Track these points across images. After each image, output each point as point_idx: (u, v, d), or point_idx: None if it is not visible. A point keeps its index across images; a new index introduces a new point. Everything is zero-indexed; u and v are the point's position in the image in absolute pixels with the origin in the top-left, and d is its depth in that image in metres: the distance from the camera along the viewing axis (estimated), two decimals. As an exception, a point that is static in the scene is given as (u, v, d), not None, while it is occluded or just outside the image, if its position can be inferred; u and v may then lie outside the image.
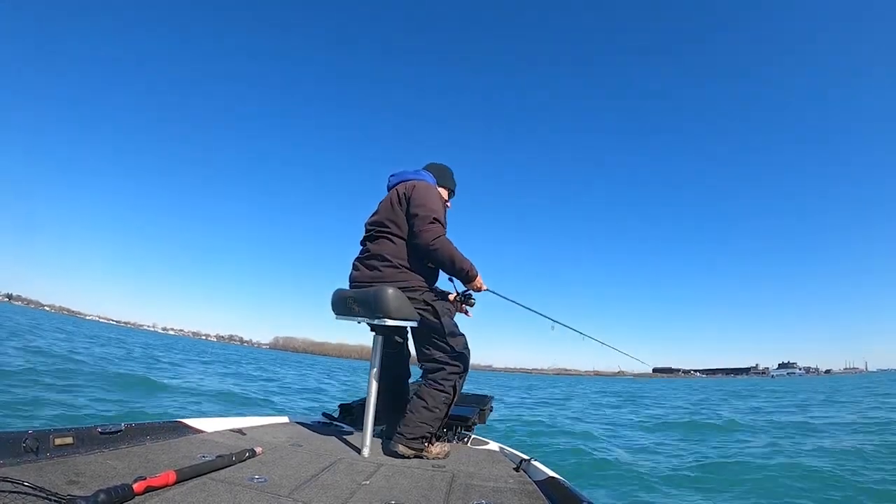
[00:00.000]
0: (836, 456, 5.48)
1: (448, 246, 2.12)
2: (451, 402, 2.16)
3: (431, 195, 2.21)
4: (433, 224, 2.11)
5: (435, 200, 2.19)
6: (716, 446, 6.54)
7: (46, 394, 5.72)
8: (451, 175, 2.56)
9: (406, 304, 2.06)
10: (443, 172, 2.52)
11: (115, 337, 29.77)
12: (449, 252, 2.11)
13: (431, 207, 2.14)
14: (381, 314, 2.01)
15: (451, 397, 2.14)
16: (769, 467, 5.00)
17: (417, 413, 2.08)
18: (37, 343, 12.63)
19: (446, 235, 2.17)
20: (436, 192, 2.27)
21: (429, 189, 2.25)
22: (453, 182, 2.56)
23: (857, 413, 10.57)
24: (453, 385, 2.15)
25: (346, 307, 2.18)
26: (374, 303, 2.02)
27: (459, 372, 2.18)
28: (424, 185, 2.27)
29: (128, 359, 13.87)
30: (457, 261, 2.12)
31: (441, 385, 2.13)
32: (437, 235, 2.10)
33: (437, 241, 2.09)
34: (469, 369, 2.24)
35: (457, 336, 2.22)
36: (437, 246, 2.09)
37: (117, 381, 8.16)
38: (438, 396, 2.12)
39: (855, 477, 4.53)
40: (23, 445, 1.29)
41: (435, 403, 2.10)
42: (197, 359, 21.42)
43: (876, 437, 6.80)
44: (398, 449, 2.03)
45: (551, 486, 1.64)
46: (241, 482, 1.40)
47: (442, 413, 2.12)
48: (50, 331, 21.48)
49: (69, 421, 4.77)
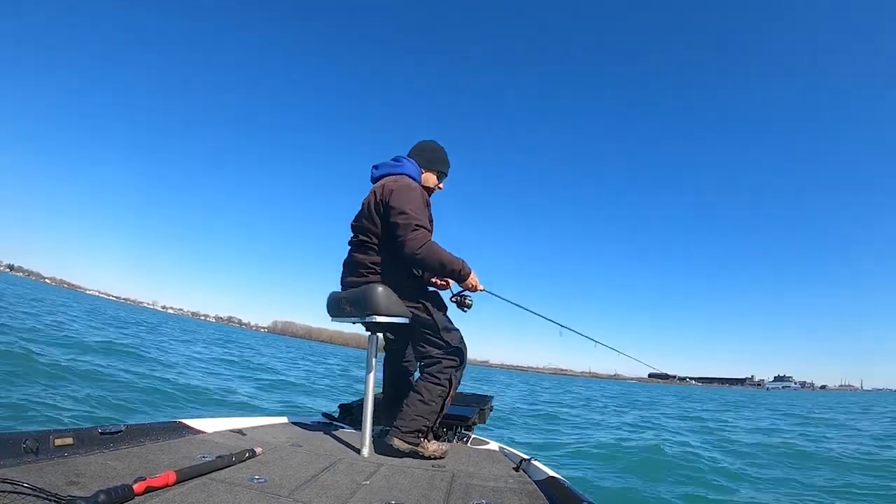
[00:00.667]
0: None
1: (434, 250, 2.01)
2: (447, 396, 2.10)
3: (411, 198, 2.06)
4: (416, 231, 1.99)
5: (414, 202, 2.05)
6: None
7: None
8: (441, 155, 2.37)
9: (395, 301, 2.05)
10: (431, 154, 2.35)
11: (113, 314, 29.64)
12: (436, 257, 2.01)
13: (412, 213, 2.01)
14: (370, 312, 2.01)
15: (447, 390, 2.10)
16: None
17: (413, 406, 2.06)
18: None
19: (432, 237, 2.07)
20: (415, 191, 2.11)
21: (407, 191, 2.08)
22: (445, 163, 2.38)
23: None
24: (449, 378, 2.11)
25: (339, 308, 2.19)
26: (364, 301, 2.03)
27: (456, 366, 2.14)
28: (402, 186, 2.10)
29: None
30: (446, 263, 2.03)
31: (437, 378, 2.09)
32: (421, 243, 1.98)
33: (423, 249, 1.98)
34: (466, 364, 2.20)
35: (451, 331, 2.18)
36: (423, 254, 1.99)
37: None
38: (434, 389, 2.08)
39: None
40: (23, 446, 1.28)
41: (431, 396, 2.07)
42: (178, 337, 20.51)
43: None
44: (393, 442, 2.01)
45: (551, 486, 1.64)
46: (242, 482, 1.39)
47: (438, 406, 2.08)
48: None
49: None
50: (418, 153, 2.35)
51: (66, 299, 35.71)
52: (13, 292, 24.10)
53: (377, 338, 2.18)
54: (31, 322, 10.80)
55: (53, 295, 38.41)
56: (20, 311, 13.40)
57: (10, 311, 12.64)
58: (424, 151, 2.35)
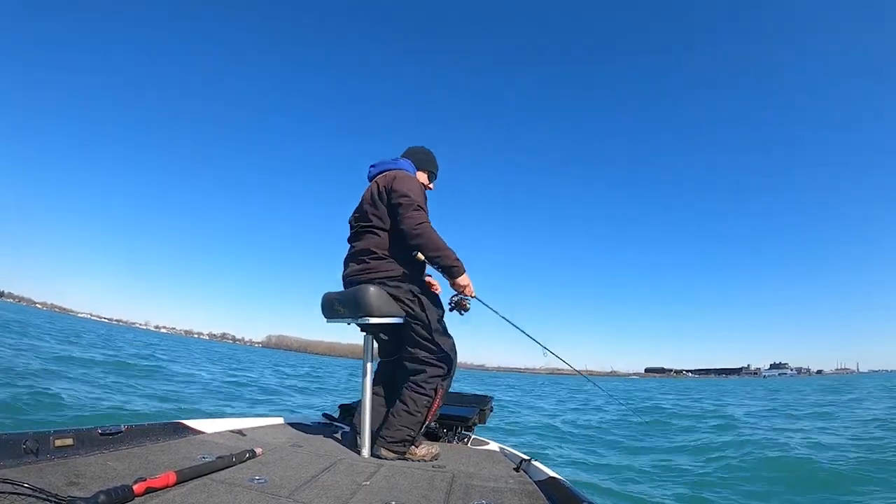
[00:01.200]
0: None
1: (432, 232, 2.09)
2: (433, 406, 2.10)
3: (413, 184, 2.19)
4: (417, 211, 2.09)
5: (416, 189, 2.17)
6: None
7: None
8: (432, 158, 2.53)
9: (388, 301, 2.06)
10: (423, 156, 2.49)
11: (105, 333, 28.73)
12: (433, 238, 2.08)
13: (414, 196, 2.12)
14: (363, 313, 2.03)
15: (432, 400, 2.09)
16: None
17: (398, 416, 2.06)
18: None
19: (430, 223, 2.14)
20: (416, 181, 2.25)
21: (409, 178, 2.23)
22: (435, 165, 2.53)
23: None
24: (435, 388, 2.10)
25: (332, 310, 2.20)
26: (357, 302, 2.04)
27: (443, 374, 2.13)
28: (404, 174, 2.25)
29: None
30: (442, 248, 2.08)
31: (423, 388, 2.09)
32: (420, 221, 2.08)
33: (421, 227, 2.07)
34: (454, 373, 2.20)
35: (443, 335, 2.18)
36: (421, 231, 2.06)
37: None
38: (420, 400, 2.08)
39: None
40: (23, 447, 1.28)
41: (416, 407, 2.06)
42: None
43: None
44: (381, 453, 2.03)
45: (552, 487, 1.65)
46: (242, 483, 1.39)
47: (422, 417, 2.08)
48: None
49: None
50: (410, 155, 2.48)
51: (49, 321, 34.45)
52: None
53: (372, 339, 2.19)
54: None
55: (40, 319, 37.36)
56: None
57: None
58: (416, 154, 2.49)
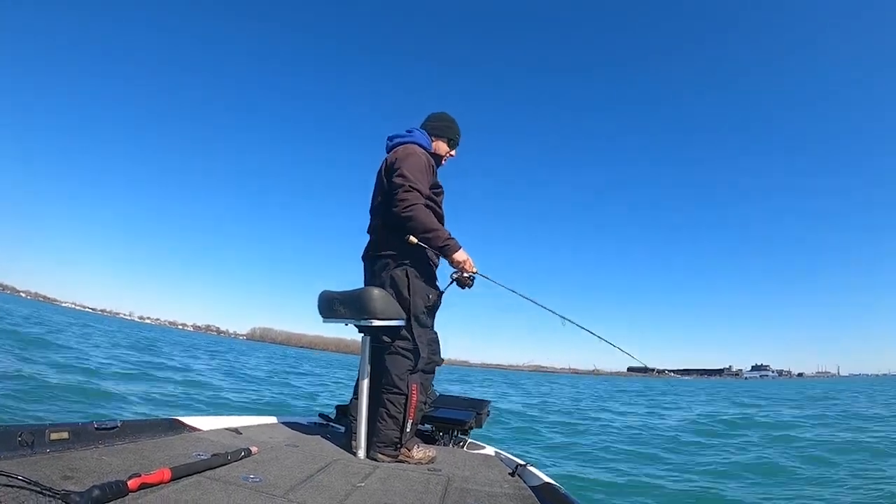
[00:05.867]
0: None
1: (422, 214, 2.03)
2: (411, 403, 2.04)
3: (413, 162, 2.12)
4: (409, 192, 2.03)
5: (416, 167, 2.10)
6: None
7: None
8: (450, 123, 2.45)
9: (392, 304, 2.04)
10: (441, 124, 2.43)
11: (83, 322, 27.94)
12: (422, 220, 2.02)
13: (409, 176, 2.06)
14: (366, 315, 2.00)
15: (408, 398, 2.04)
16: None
17: (382, 421, 2.04)
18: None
19: (443, 198, 2.13)
20: (417, 157, 2.16)
21: (413, 156, 2.15)
22: (454, 131, 2.45)
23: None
24: (407, 384, 2.05)
25: (331, 309, 2.16)
26: (360, 304, 2.01)
27: (411, 368, 2.08)
28: (411, 150, 2.19)
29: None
30: (430, 228, 2.03)
31: (398, 388, 2.05)
32: (410, 203, 2.01)
33: (410, 209, 2.00)
34: (431, 371, 2.16)
35: (424, 327, 2.13)
36: (410, 214, 2.01)
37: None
38: (396, 400, 2.05)
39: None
40: (18, 439, 1.27)
41: (396, 409, 2.04)
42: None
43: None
44: (377, 458, 2.02)
45: (547, 492, 1.66)
46: (236, 481, 1.38)
47: (403, 415, 2.04)
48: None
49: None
50: (429, 123, 2.44)
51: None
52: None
53: (370, 340, 2.16)
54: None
55: (25, 308, 36.48)
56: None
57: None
58: (434, 121, 2.45)
